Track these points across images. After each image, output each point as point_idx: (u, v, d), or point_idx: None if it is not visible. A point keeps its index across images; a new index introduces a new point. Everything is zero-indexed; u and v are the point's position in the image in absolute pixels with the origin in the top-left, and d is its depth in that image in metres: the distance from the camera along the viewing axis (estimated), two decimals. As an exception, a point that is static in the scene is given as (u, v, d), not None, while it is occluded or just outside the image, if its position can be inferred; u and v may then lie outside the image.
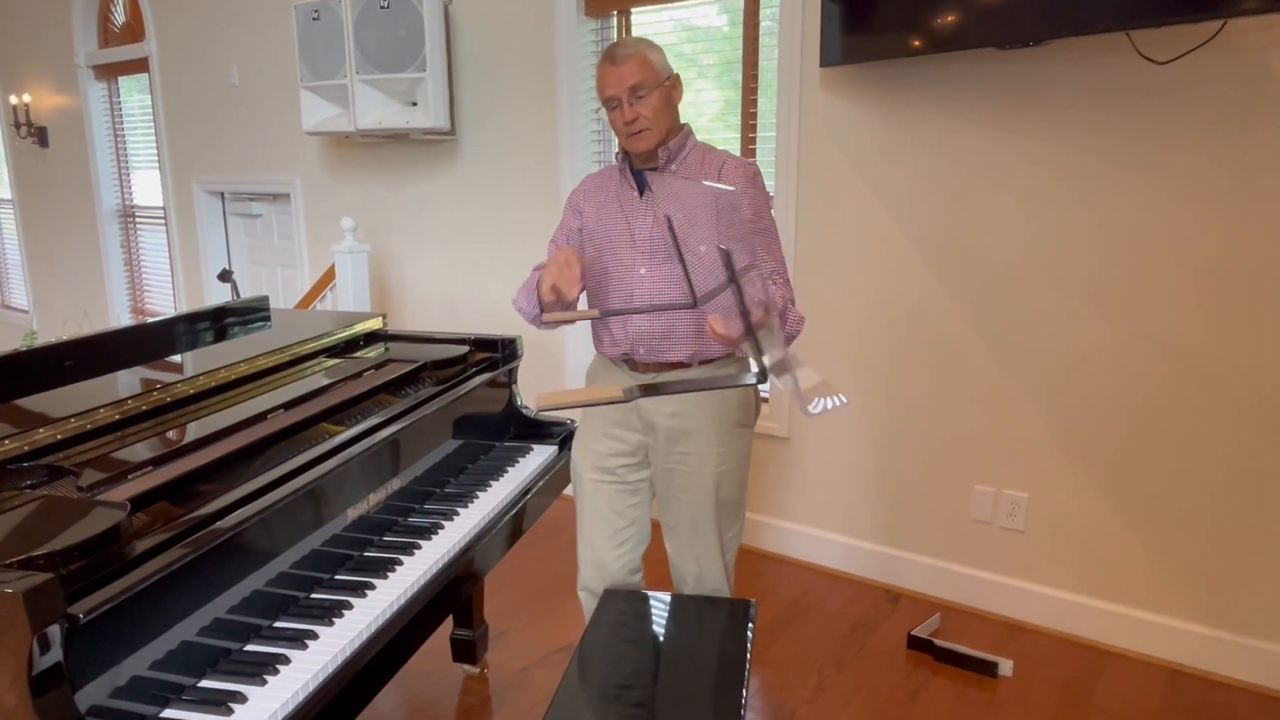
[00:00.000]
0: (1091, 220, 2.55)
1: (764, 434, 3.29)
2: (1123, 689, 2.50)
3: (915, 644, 2.69)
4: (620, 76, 1.85)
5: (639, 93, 1.84)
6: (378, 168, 4.34)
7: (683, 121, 1.96)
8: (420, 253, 4.24)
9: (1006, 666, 2.56)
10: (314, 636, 1.41)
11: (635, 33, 3.48)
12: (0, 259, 7.41)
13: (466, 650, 2.58)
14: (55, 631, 1.03)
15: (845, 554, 3.20)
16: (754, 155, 3.21)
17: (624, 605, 1.98)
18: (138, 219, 5.98)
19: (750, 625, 1.90)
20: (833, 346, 3.08)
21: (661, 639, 1.87)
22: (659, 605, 1.99)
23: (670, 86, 1.89)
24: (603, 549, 2.06)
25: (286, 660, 1.34)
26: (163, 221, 5.64)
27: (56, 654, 1.03)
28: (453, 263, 4.13)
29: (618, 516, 2.04)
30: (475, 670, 2.61)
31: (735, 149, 3.26)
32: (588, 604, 2.11)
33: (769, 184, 3.15)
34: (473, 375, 2.23)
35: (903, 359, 2.95)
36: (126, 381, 1.85)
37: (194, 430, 1.65)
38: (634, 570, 2.11)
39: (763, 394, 3.32)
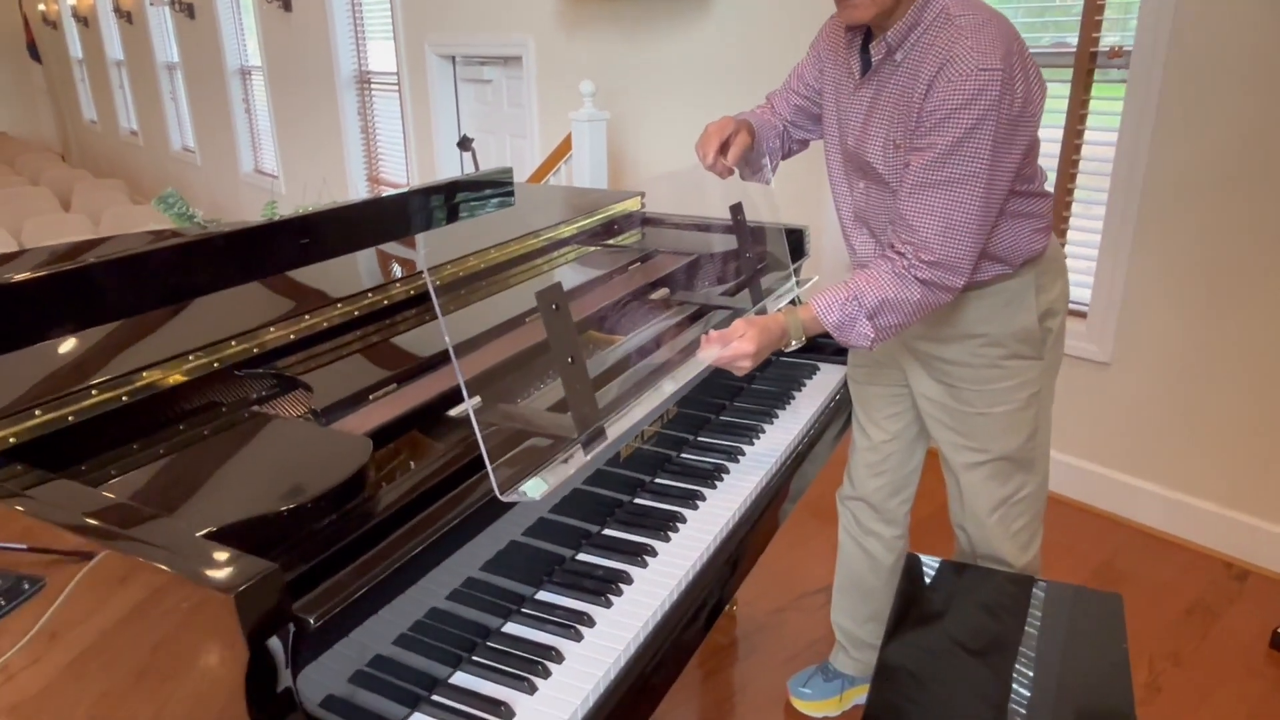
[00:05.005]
0: None
1: (1076, 356, 2.67)
2: None
3: (1283, 644, 2.10)
4: None
5: None
6: (617, 25, 3.88)
7: None
8: (664, 124, 3.80)
9: None
10: (590, 623, 1.08)
11: None
12: (253, 125, 7.73)
13: (715, 584, 2.26)
14: (278, 644, 0.73)
15: (1172, 512, 2.58)
16: (1103, -2, 2.46)
17: (947, 577, 1.55)
18: (373, 85, 5.93)
19: (1120, 623, 1.43)
20: (1179, 244, 2.38)
21: (1005, 628, 1.43)
22: (992, 583, 1.55)
23: None
24: (859, 462, 1.80)
25: (560, 656, 1.03)
26: (396, 88, 5.54)
27: (286, 678, 0.74)
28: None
29: (876, 428, 1.74)
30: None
31: (1077, -10, 2.52)
32: (842, 516, 1.90)
33: (1119, 36, 2.42)
34: (753, 274, 1.81)
35: (1301, 275, 2.22)
36: (363, 267, 1.58)
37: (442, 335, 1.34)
38: (893, 493, 1.78)
39: (1080, 308, 2.68)
